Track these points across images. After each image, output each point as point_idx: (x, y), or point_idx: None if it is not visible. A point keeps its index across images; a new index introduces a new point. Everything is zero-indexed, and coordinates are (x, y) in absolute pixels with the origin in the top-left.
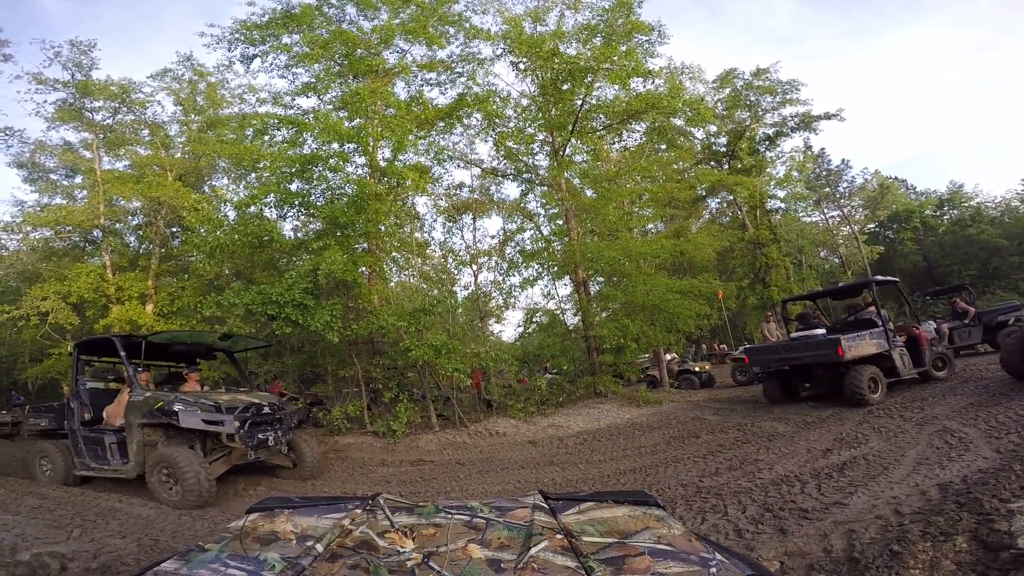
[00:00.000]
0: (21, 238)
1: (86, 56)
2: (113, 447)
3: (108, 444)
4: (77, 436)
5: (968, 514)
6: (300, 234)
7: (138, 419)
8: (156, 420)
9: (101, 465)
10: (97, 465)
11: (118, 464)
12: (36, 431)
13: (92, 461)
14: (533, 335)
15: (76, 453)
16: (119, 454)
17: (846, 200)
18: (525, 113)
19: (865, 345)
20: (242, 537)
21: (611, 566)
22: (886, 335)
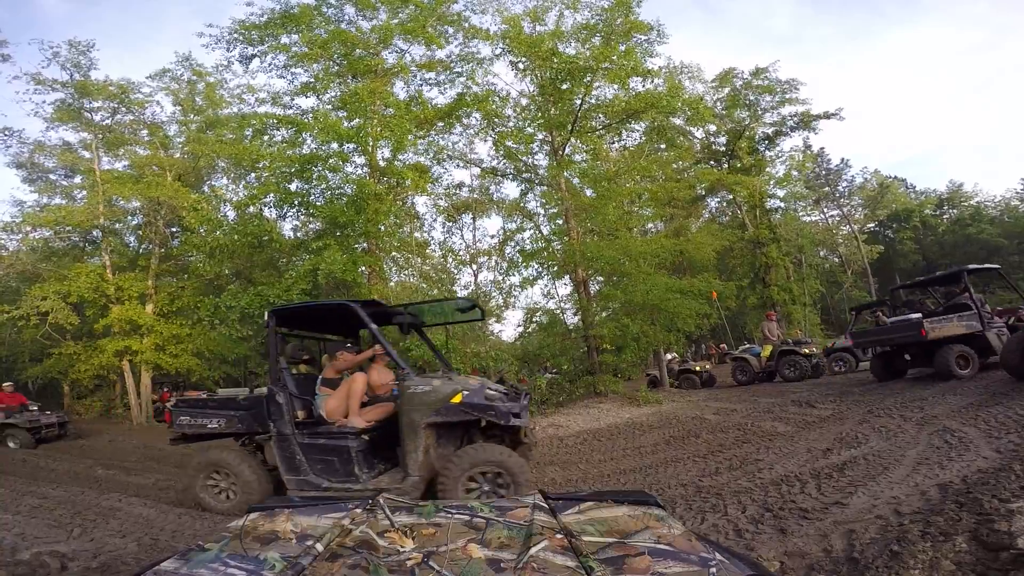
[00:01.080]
0: (21, 238)
1: (85, 56)
2: (359, 456)
3: (354, 452)
4: (291, 442)
5: (968, 514)
6: (300, 234)
7: (426, 417)
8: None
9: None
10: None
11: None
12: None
13: (322, 476)
14: (533, 335)
15: (289, 467)
16: (365, 464)
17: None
18: (524, 113)
19: (952, 327)
20: (242, 537)
21: (611, 566)
22: (979, 317)
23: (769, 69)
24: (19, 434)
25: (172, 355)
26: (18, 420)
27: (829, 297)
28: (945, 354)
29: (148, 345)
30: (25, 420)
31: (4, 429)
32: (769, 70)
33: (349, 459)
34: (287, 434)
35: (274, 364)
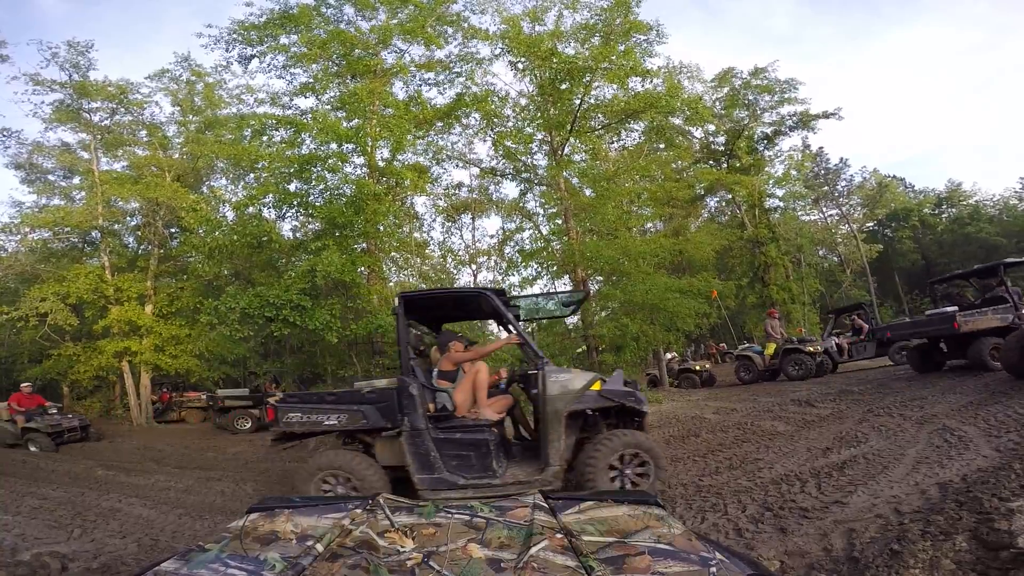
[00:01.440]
0: (19, 239)
1: (84, 57)
2: (496, 449)
3: (491, 445)
4: (425, 438)
5: (968, 513)
6: (299, 234)
7: (569, 405)
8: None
9: (473, 479)
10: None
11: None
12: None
13: (457, 473)
14: (533, 335)
15: (422, 465)
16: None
17: (845, 199)
18: (524, 113)
19: (986, 319)
20: (242, 537)
21: (611, 565)
22: (1015, 310)
23: (768, 69)
24: (39, 439)
25: (171, 356)
26: (39, 424)
27: (828, 296)
28: (979, 347)
29: (147, 346)
30: (46, 424)
31: (24, 433)
32: (768, 70)
33: (487, 453)
34: (421, 429)
35: (405, 353)
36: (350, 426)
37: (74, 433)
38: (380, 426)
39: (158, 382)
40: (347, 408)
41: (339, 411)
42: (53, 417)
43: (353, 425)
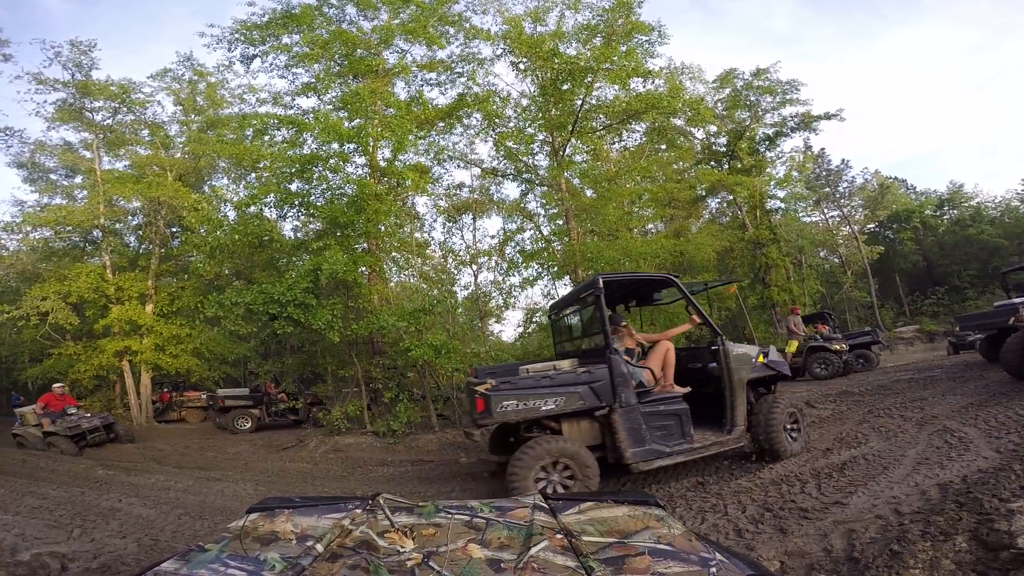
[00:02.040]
0: (21, 238)
1: (86, 56)
2: (689, 418)
3: (685, 415)
4: (636, 413)
5: (968, 514)
6: (300, 234)
7: (749, 374)
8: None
9: (675, 447)
10: (667, 447)
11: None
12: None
13: (661, 444)
14: (533, 335)
15: (635, 439)
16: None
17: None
18: (525, 113)
19: None
20: (242, 537)
21: (611, 566)
22: None
23: (770, 70)
24: (60, 442)
25: (172, 355)
26: (58, 428)
27: (829, 298)
28: None
29: (148, 345)
30: (65, 427)
31: (47, 437)
32: (770, 71)
33: (684, 421)
34: (633, 405)
35: (607, 333)
36: (567, 408)
37: (98, 434)
38: (595, 406)
39: (158, 381)
40: (564, 391)
41: (556, 394)
42: (71, 419)
43: (570, 407)
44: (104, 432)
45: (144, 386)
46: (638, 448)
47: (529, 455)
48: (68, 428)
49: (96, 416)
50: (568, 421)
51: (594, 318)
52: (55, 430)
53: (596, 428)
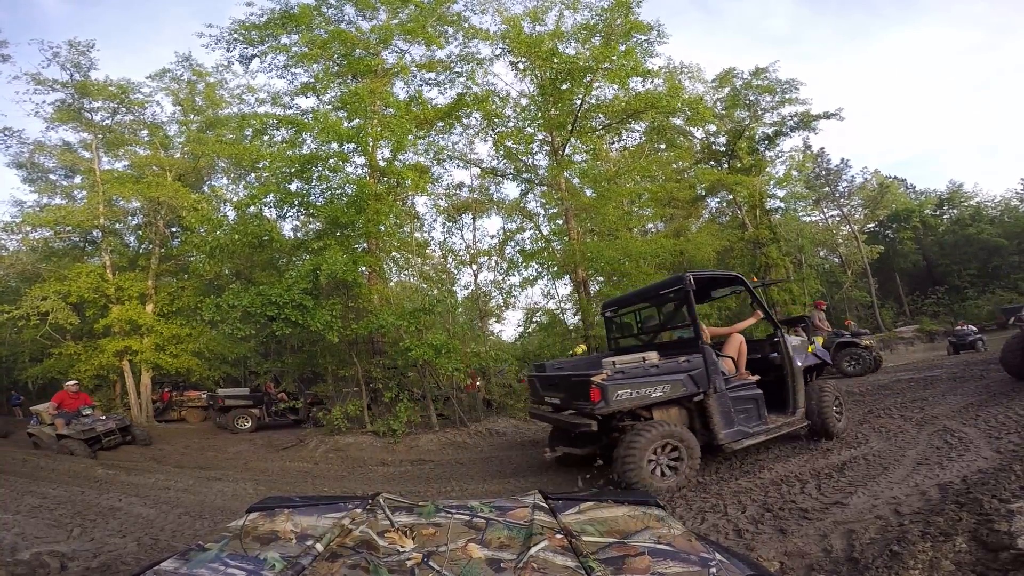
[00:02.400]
0: (21, 238)
1: (85, 56)
2: (761, 402)
3: (761, 399)
4: (726, 398)
5: (968, 514)
6: (300, 234)
7: (804, 363)
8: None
9: (756, 427)
10: (751, 427)
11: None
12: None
13: (745, 425)
14: (533, 335)
15: (726, 421)
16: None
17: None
18: (524, 113)
19: None
20: (242, 536)
21: (611, 566)
22: None
23: (769, 69)
24: (73, 445)
25: (172, 355)
26: (72, 430)
27: (829, 297)
28: None
29: (148, 345)
30: (79, 429)
31: (60, 439)
32: (769, 70)
33: (759, 406)
34: (724, 391)
35: (698, 327)
36: (673, 395)
37: (112, 437)
38: (693, 392)
39: (159, 381)
40: (671, 379)
41: (664, 382)
42: (85, 421)
43: (676, 394)
44: (119, 435)
45: (144, 386)
46: (729, 430)
47: (644, 438)
48: (82, 431)
49: (111, 418)
50: (659, 408)
51: (674, 313)
52: (69, 433)
53: (684, 413)
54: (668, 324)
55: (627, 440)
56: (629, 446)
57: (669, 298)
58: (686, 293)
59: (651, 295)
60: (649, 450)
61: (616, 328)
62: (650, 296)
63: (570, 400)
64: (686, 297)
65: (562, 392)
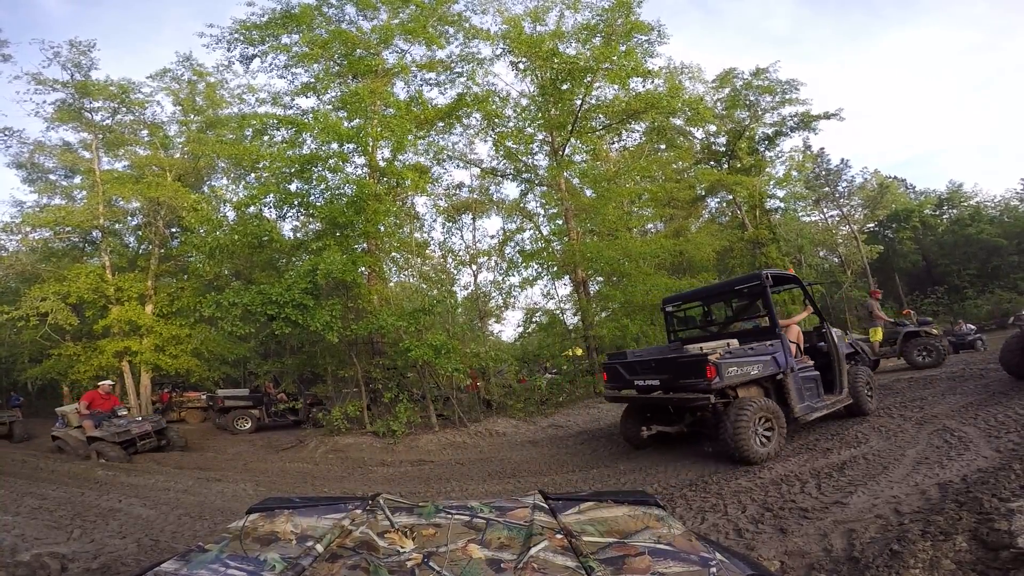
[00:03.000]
0: (20, 239)
1: (85, 56)
2: (819, 382)
3: (818, 380)
4: (798, 377)
5: (968, 513)
6: (299, 234)
7: (846, 351)
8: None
9: (818, 403)
10: (815, 404)
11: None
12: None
13: (811, 401)
14: (533, 335)
15: (799, 397)
16: (821, 387)
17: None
18: (524, 113)
19: None
20: (242, 537)
21: (611, 566)
22: None
23: (769, 69)
24: (106, 448)
25: (172, 356)
26: (105, 432)
27: (829, 297)
28: None
29: (148, 346)
30: (113, 432)
31: (91, 442)
32: (769, 70)
33: (818, 385)
34: (796, 370)
35: (773, 317)
36: (765, 373)
37: (148, 440)
38: (775, 372)
39: (158, 382)
40: (763, 359)
41: (759, 363)
42: (120, 422)
43: (766, 372)
44: (155, 438)
45: (144, 386)
46: (802, 404)
47: (749, 412)
48: (117, 433)
49: (147, 420)
50: (744, 387)
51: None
52: (101, 435)
53: (761, 391)
54: (740, 315)
55: (734, 414)
56: (737, 419)
57: (744, 293)
58: (763, 288)
59: (725, 290)
60: (753, 422)
61: (677, 321)
62: (724, 291)
63: (676, 379)
64: (763, 291)
65: (665, 373)
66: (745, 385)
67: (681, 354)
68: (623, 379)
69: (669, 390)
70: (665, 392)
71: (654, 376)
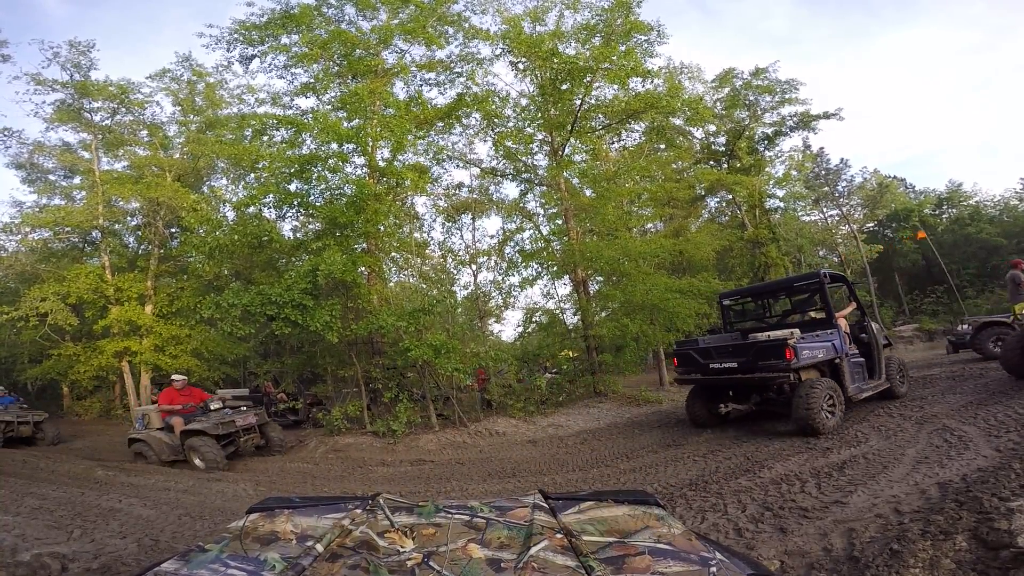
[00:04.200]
0: (20, 239)
1: (85, 57)
2: (864, 367)
3: (863, 366)
4: (849, 363)
5: (968, 513)
6: (299, 234)
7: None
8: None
9: (865, 385)
10: (863, 386)
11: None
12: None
13: (860, 383)
14: (533, 335)
15: (853, 379)
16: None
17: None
18: (524, 113)
19: None
20: (242, 537)
21: (611, 565)
22: None
23: (768, 69)
24: (204, 447)
25: (171, 356)
26: (206, 425)
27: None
28: None
29: (147, 346)
30: (215, 423)
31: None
32: (768, 70)
33: (864, 369)
34: (849, 356)
35: (830, 310)
36: (828, 356)
37: (251, 436)
38: (835, 356)
39: (158, 382)
40: (827, 345)
41: (824, 347)
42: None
43: (829, 356)
44: (258, 434)
45: (144, 386)
46: (853, 385)
47: (819, 390)
48: (219, 425)
49: (251, 411)
50: (805, 370)
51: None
52: (201, 426)
53: (818, 373)
54: (799, 309)
55: (806, 392)
56: (809, 395)
57: (803, 288)
58: (822, 284)
59: (785, 287)
60: (822, 398)
61: (733, 314)
62: (782, 287)
63: (755, 361)
64: (821, 288)
65: (743, 357)
66: (807, 368)
67: (760, 339)
68: (696, 363)
69: (748, 371)
70: (744, 373)
71: (731, 359)
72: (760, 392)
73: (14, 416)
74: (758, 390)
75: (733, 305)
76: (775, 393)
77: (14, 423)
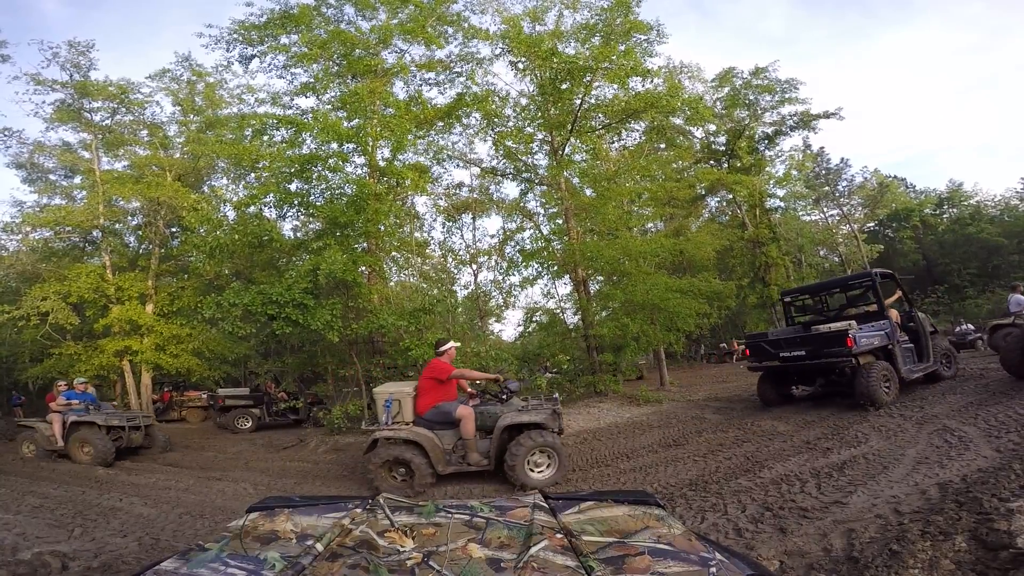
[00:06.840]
0: (21, 238)
1: (84, 57)
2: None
3: (912, 351)
4: (900, 349)
5: (968, 513)
6: (300, 234)
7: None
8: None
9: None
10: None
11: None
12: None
13: (911, 366)
14: (533, 334)
15: (904, 362)
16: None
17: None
18: (524, 112)
19: None
20: (242, 536)
21: (611, 565)
22: None
23: (768, 69)
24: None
25: (172, 355)
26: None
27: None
28: None
29: (148, 345)
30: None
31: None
32: (768, 70)
33: (913, 354)
34: (900, 343)
35: (882, 304)
36: (883, 343)
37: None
38: (887, 344)
39: (159, 381)
40: (881, 333)
41: (880, 335)
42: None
43: (883, 343)
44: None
45: (145, 386)
46: (905, 367)
47: (876, 372)
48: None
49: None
50: (863, 356)
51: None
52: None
53: (874, 358)
54: (855, 303)
55: (867, 373)
56: (870, 375)
57: (856, 285)
58: (874, 281)
59: (840, 284)
60: (880, 378)
61: (795, 309)
62: (839, 284)
63: (820, 350)
64: (873, 284)
65: (810, 346)
66: (865, 354)
67: (823, 330)
68: (767, 353)
69: (815, 357)
70: (811, 359)
71: (800, 349)
72: (825, 375)
73: (122, 420)
74: (823, 374)
75: (793, 301)
76: (837, 376)
77: (125, 429)
